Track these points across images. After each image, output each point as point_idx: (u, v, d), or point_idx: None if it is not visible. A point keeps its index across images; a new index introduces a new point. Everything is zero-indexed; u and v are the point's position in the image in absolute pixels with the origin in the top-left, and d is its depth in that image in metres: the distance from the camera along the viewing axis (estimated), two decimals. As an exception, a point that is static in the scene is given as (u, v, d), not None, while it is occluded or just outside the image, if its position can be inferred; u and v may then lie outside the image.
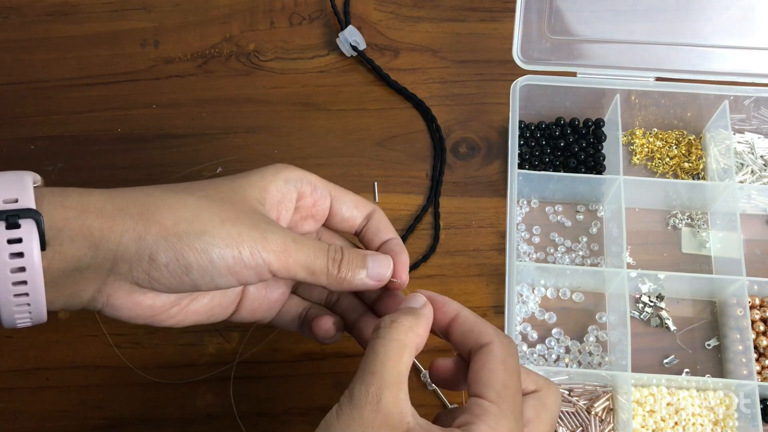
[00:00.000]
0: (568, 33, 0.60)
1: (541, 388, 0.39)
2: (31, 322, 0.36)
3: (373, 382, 0.34)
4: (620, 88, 0.60)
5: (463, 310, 0.39)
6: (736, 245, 0.56)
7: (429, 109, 0.65)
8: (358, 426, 0.33)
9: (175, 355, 0.57)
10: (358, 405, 0.34)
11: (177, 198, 0.38)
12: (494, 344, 0.37)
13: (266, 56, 0.69)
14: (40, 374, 0.56)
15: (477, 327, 0.38)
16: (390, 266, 0.42)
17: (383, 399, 0.34)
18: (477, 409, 0.35)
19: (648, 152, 0.64)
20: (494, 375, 0.36)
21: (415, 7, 0.71)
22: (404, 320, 0.37)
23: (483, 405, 0.35)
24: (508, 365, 0.36)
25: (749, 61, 0.59)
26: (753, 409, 0.51)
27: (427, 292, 0.40)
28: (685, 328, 0.58)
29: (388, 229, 0.45)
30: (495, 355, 0.37)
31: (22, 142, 0.65)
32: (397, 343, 0.36)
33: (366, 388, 0.34)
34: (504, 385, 0.36)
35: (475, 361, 0.37)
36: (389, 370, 0.35)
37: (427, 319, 0.38)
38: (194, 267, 0.36)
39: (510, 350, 0.37)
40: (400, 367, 0.35)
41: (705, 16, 0.59)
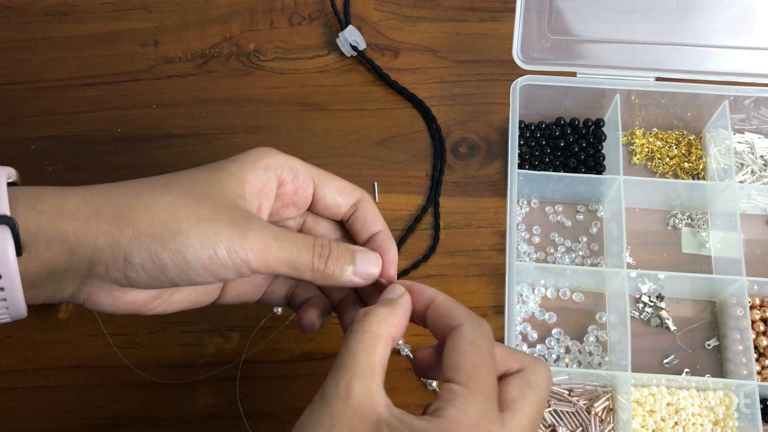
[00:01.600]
0: (568, 33, 0.60)
1: (526, 367, 0.38)
2: (10, 318, 0.36)
3: (344, 375, 0.34)
4: (620, 88, 0.60)
5: (439, 295, 0.39)
6: (736, 245, 0.56)
7: (429, 109, 0.65)
8: (328, 421, 0.32)
9: (175, 355, 0.57)
10: (328, 400, 0.33)
11: (152, 197, 0.37)
12: (464, 326, 0.36)
13: (266, 56, 0.69)
14: (40, 374, 0.56)
15: (450, 310, 0.37)
16: (379, 264, 0.41)
17: (353, 391, 0.33)
18: (447, 394, 0.34)
19: (648, 152, 0.64)
20: (463, 357, 0.35)
21: (415, 7, 0.71)
22: (378, 311, 0.36)
23: (452, 389, 0.34)
24: (477, 346, 0.35)
25: (749, 61, 0.59)
26: (753, 409, 0.51)
27: (406, 282, 0.40)
28: (685, 328, 0.58)
29: (376, 220, 0.43)
30: (464, 337, 0.36)
31: (22, 142, 0.65)
32: (369, 334, 0.35)
33: (336, 382, 0.33)
34: (473, 366, 0.35)
35: (446, 346, 0.36)
36: (360, 362, 0.34)
37: (404, 309, 0.38)
38: (170, 267, 0.36)
39: (480, 330, 0.36)
40: (372, 358, 0.34)
41: (705, 16, 0.59)
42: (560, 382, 0.55)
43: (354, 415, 0.33)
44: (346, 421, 0.32)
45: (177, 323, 0.58)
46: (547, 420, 0.54)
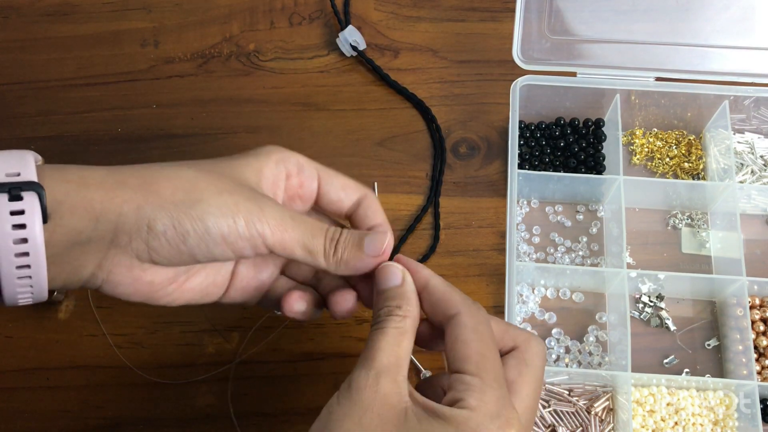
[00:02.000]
0: (568, 33, 0.60)
1: (520, 344, 0.39)
2: (32, 298, 0.37)
3: (372, 367, 0.35)
4: (620, 88, 0.60)
5: (433, 278, 0.40)
6: (736, 245, 0.56)
7: (429, 109, 0.65)
8: (358, 409, 0.34)
9: (175, 355, 0.57)
10: (357, 389, 0.35)
11: (175, 170, 0.39)
12: (462, 314, 0.37)
13: (266, 56, 0.69)
14: (40, 374, 0.56)
15: (445, 296, 0.38)
16: (385, 240, 0.41)
17: (381, 382, 0.35)
18: (461, 385, 0.35)
19: (648, 152, 0.64)
20: (469, 347, 0.36)
21: (415, 7, 0.71)
22: (396, 310, 0.38)
23: (465, 380, 0.35)
24: (480, 333, 0.37)
25: (749, 61, 0.59)
26: (753, 409, 0.51)
27: (400, 257, 0.41)
28: (685, 328, 0.58)
29: (377, 214, 0.44)
30: (466, 326, 0.37)
31: (22, 142, 0.65)
32: (395, 330, 0.37)
33: (366, 373, 0.35)
34: (481, 355, 0.36)
35: (448, 335, 0.37)
36: (387, 356, 0.36)
37: (413, 294, 0.39)
38: (191, 234, 0.37)
39: (479, 317, 0.37)
40: (398, 352, 0.36)
41: (705, 16, 0.59)
42: (560, 382, 0.55)
43: (383, 404, 0.34)
44: (376, 408, 0.34)
45: (177, 323, 0.58)
46: (547, 420, 0.54)
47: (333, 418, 0.34)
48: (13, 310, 0.58)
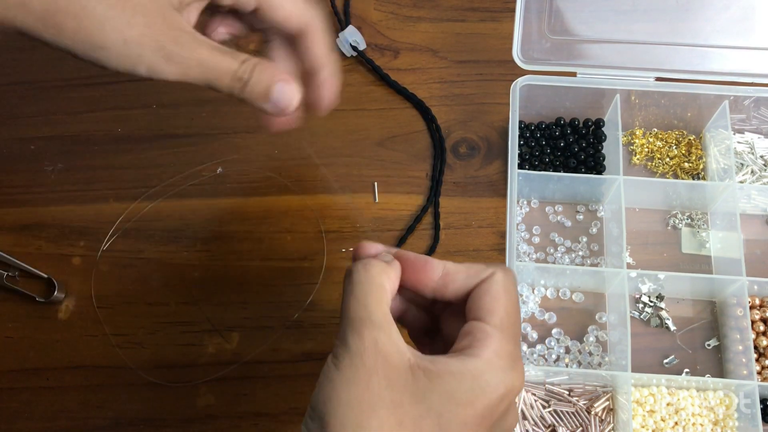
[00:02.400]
0: (568, 33, 0.60)
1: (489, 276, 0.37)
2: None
3: (366, 325, 0.33)
4: (620, 88, 0.60)
5: (449, 263, 0.38)
6: (736, 245, 0.56)
7: (429, 109, 0.65)
8: (363, 373, 0.32)
9: (175, 355, 0.57)
10: (357, 352, 0.33)
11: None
12: (498, 273, 0.36)
13: (266, 56, 0.69)
14: (40, 374, 0.56)
15: (473, 269, 0.37)
16: (293, 98, 0.40)
17: (379, 341, 0.33)
18: (479, 333, 0.34)
19: (648, 152, 0.64)
20: (498, 302, 0.35)
21: (415, 7, 0.71)
22: (376, 263, 0.36)
23: (486, 329, 0.34)
24: (510, 293, 0.36)
25: (749, 61, 0.59)
26: (753, 409, 0.51)
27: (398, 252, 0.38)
28: (685, 328, 0.58)
29: (324, 59, 0.42)
30: (498, 283, 0.36)
31: (22, 142, 0.65)
32: (375, 286, 0.35)
33: (360, 333, 0.33)
34: (507, 312, 0.35)
35: (476, 290, 0.36)
36: (375, 312, 0.34)
37: (398, 269, 0.37)
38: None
39: (512, 279, 0.37)
40: (384, 308, 0.34)
41: (705, 16, 0.59)
42: (560, 382, 0.55)
43: (387, 365, 0.33)
44: (380, 371, 0.32)
45: (177, 323, 0.58)
46: (547, 420, 0.54)
47: (336, 386, 0.33)
48: (14, 310, 0.58)
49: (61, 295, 0.58)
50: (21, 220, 0.62)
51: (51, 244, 0.61)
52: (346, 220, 0.61)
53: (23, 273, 0.59)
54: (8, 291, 0.59)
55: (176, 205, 0.62)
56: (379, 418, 0.32)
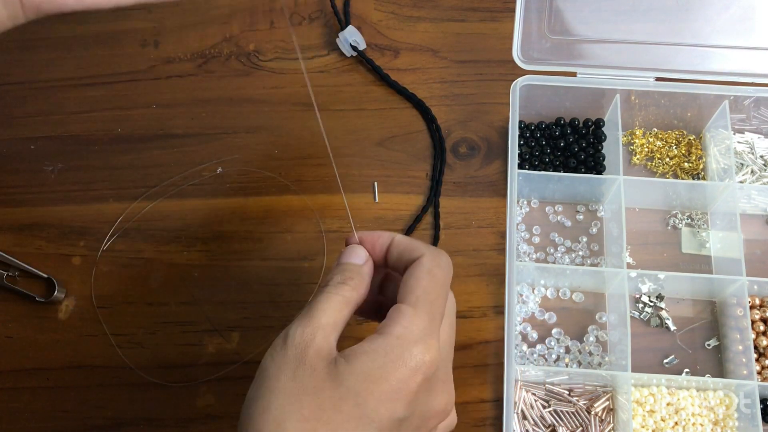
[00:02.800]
0: (568, 33, 0.60)
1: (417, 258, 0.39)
2: None
3: (310, 323, 0.36)
4: (620, 88, 0.60)
5: (396, 236, 0.41)
6: (736, 245, 0.56)
7: (429, 109, 0.65)
8: (293, 362, 0.35)
9: (175, 355, 0.57)
10: (292, 344, 0.35)
11: None
12: (425, 256, 0.39)
13: (266, 56, 0.69)
14: (40, 374, 0.56)
15: (410, 245, 0.40)
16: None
17: (316, 337, 0.35)
18: (394, 313, 0.36)
19: (648, 152, 0.64)
20: (418, 282, 0.37)
21: (415, 7, 0.71)
22: (351, 282, 0.39)
23: (400, 308, 0.37)
24: (433, 275, 0.38)
25: (749, 61, 0.59)
26: (753, 409, 0.51)
27: (361, 233, 0.41)
28: (685, 328, 0.58)
29: None
30: (422, 266, 0.38)
31: (22, 142, 0.65)
32: (342, 298, 0.38)
33: (302, 330, 0.35)
34: (425, 291, 0.37)
35: (405, 274, 0.39)
36: (327, 317, 0.36)
37: (368, 276, 0.40)
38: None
39: (438, 260, 0.39)
40: (337, 316, 0.37)
41: (705, 16, 0.59)
42: (560, 382, 0.55)
43: (315, 356, 0.35)
44: (308, 361, 0.35)
45: (177, 323, 0.58)
46: (547, 420, 0.54)
47: (267, 375, 0.35)
48: (14, 310, 0.58)
49: (61, 295, 0.58)
50: (21, 220, 0.62)
51: (51, 244, 0.61)
52: (346, 220, 0.61)
53: (23, 273, 0.59)
54: (8, 291, 0.59)
55: (176, 205, 0.62)
56: (301, 404, 0.34)
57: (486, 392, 0.55)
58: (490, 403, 0.55)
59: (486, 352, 0.57)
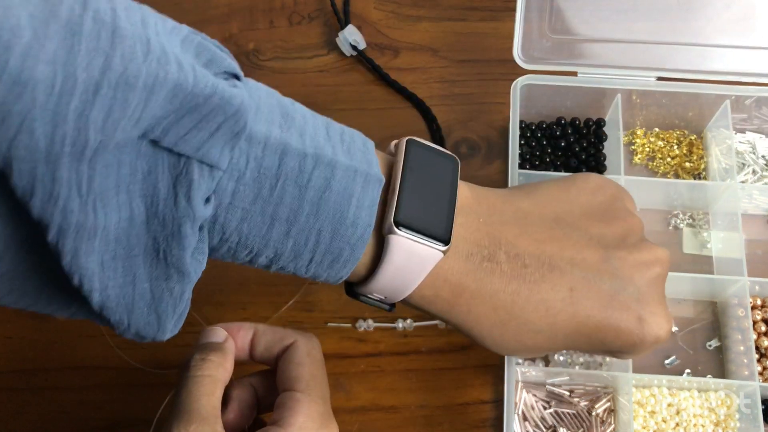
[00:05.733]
0: (569, 32, 0.60)
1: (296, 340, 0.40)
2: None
3: (192, 420, 0.35)
4: (621, 88, 0.60)
5: (259, 326, 0.41)
6: (737, 245, 0.56)
7: (429, 108, 0.65)
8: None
9: (174, 355, 0.56)
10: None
11: None
12: (298, 341, 0.39)
13: (266, 56, 0.68)
14: (39, 375, 0.56)
15: (278, 334, 0.40)
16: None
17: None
18: (290, 402, 0.36)
19: (649, 152, 0.64)
20: (302, 367, 0.38)
21: (415, 7, 0.71)
22: (213, 357, 0.38)
23: (294, 396, 0.37)
24: (313, 357, 0.39)
25: (751, 61, 0.59)
26: (754, 410, 0.51)
27: (222, 325, 0.41)
28: (686, 328, 0.57)
29: None
30: (300, 350, 0.39)
31: (21, 142, 0.65)
32: (209, 379, 0.37)
33: (185, 427, 0.35)
34: (312, 375, 0.38)
35: (283, 360, 0.39)
36: (204, 406, 0.36)
37: (231, 352, 0.39)
38: None
39: (314, 343, 0.40)
40: (213, 401, 0.36)
41: (706, 15, 0.59)
42: (561, 383, 0.55)
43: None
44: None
45: (176, 324, 0.58)
46: (548, 421, 0.54)
47: None
48: (14, 310, 0.58)
49: (60, 295, 0.58)
50: (20, 220, 0.61)
51: (50, 244, 0.60)
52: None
53: (22, 273, 0.59)
54: (7, 291, 0.58)
55: (176, 205, 0.62)
56: None
57: (486, 393, 0.55)
58: (491, 404, 0.55)
59: (486, 353, 0.56)
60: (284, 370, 0.38)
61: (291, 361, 0.38)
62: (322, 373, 0.39)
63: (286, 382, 0.38)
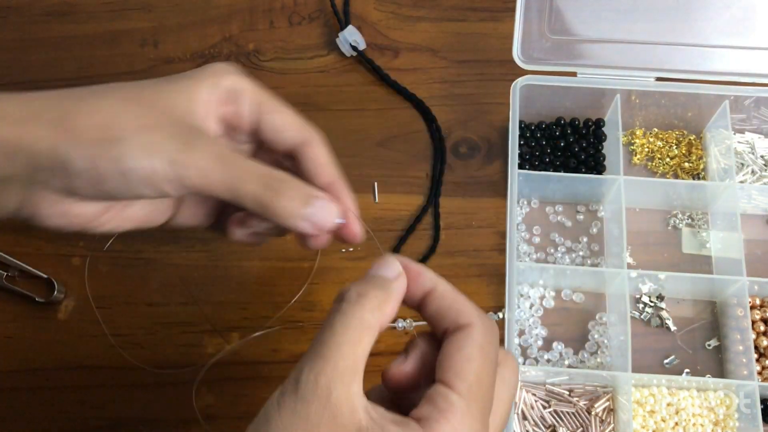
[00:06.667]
0: (568, 33, 0.60)
1: (501, 362, 0.33)
2: None
3: (325, 371, 0.29)
4: (620, 88, 0.60)
5: (441, 283, 0.34)
6: (736, 245, 0.56)
7: (429, 109, 0.65)
8: (303, 424, 0.28)
9: (174, 355, 0.57)
10: (303, 398, 0.29)
11: (95, 100, 0.35)
12: (475, 327, 0.32)
13: (266, 56, 0.69)
14: (39, 374, 0.56)
15: (456, 305, 0.33)
16: (335, 217, 0.36)
17: (334, 393, 0.29)
18: (442, 402, 0.30)
19: (648, 152, 0.64)
20: (469, 364, 0.30)
21: (415, 7, 0.71)
22: (373, 296, 0.31)
23: (450, 398, 0.30)
24: (486, 354, 0.31)
25: (750, 61, 0.59)
26: (753, 410, 0.51)
27: (402, 259, 0.34)
28: (685, 328, 0.57)
29: (325, 169, 0.38)
30: (474, 340, 0.31)
31: (21, 142, 0.65)
32: (358, 322, 0.30)
33: (315, 377, 0.29)
34: (478, 378, 0.30)
35: (449, 342, 0.31)
36: (345, 357, 0.29)
37: (399, 295, 0.33)
38: (108, 176, 0.33)
39: (491, 337, 0.32)
40: (357, 352, 0.30)
41: (705, 15, 0.59)
42: (560, 383, 0.55)
43: (332, 422, 0.28)
44: (323, 428, 0.28)
45: (177, 323, 0.58)
46: (547, 420, 0.54)
47: (271, 428, 0.29)
48: (14, 310, 0.58)
49: (60, 295, 0.58)
50: (21, 220, 0.62)
51: (50, 244, 0.61)
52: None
53: (23, 273, 0.59)
54: (8, 291, 0.59)
55: (176, 205, 0.62)
56: None
57: (486, 392, 0.55)
58: (491, 404, 0.55)
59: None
60: (449, 357, 0.31)
61: (460, 350, 0.31)
62: (491, 379, 0.31)
63: (446, 374, 0.30)
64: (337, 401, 0.29)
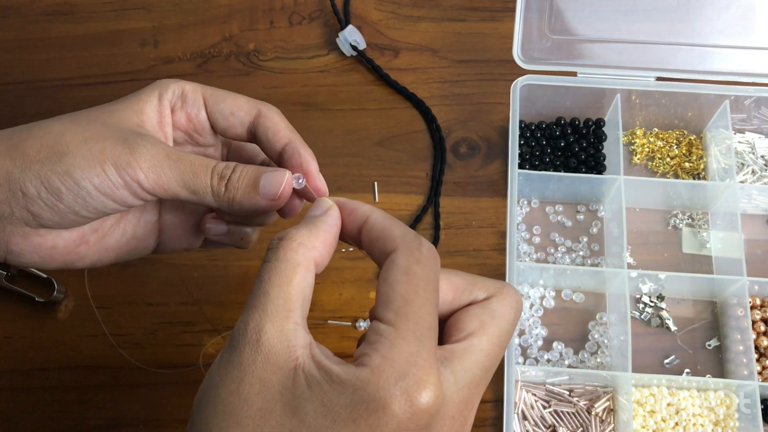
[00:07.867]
0: (568, 33, 0.60)
1: (493, 295, 0.32)
2: None
3: (252, 316, 0.28)
4: (621, 88, 0.60)
5: (374, 212, 0.32)
6: (736, 245, 0.56)
7: (429, 109, 0.65)
8: (236, 373, 0.28)
9: (174, 355, 0.57)
10: (236, 347, 0.28)
11: (42, 126, 0.36)
12: (398, 251, 0.30)
13: (266, 56, 0.69)
14: (39, 374, 0.56)
15: (383, 233, 0.31)
16: (283, 181, 0.36)
17: (264, 335, 0.28)
18: (372, 335, 0.28)
19: (648, 152, 0.64)
20: (393, 289, 0.29)
21: (415, 7, 0.71)
22: (293, 234, 0.31)
23: (379, 329, 0.28)
24: (411, 274, 0.29)
25: (750, 61, 0.59)
26: (753, 410, 0.51)
27: (337, 199, 0.34)
28: (685, 328, 0.57)
29: (279, 131, 0.38)
30: (397, 265, 0.29)
31: (21, 142, 0.65)
32: (283, 263, 0.30)
33: (245, 325, 0.28)
34: (404, 301, 0.28)
35: (380, 275, 0.30)
36: (272, 299, 0.29)
37: (328, 226, 0.32)
38: (63, 192, 0.34)
39: (417, 255, 0.30)
40: (288, 291, 0.29)
41: (706, 15, 0.59)
42: (561, 383, 0.55)
43: (266, 363, 0.28)
44: (256, 372, 0.28)
45: (177, 323, 0.58)
46: (547, 420, 0.54)
47: (211, 386, 0.29)
48: (14, 310, 0.58)
49: (60, 295, 0.58)
50: (20, 220, 0.62)
51: (50, 244, 0.61)
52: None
53: (23, 273, 0.59)
54: (8, 291, 0.59)
55: (176, 205, 0.62)
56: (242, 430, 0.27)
57: (486, 392, 0.55)
58: (491, 404, 0.55)
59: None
60: (378, 290, 0.30)
61: (384, 280, 0.29)
62: (423, 298, 0.29)
63: (376, 308, 0.29)
64: (268, 342, 0.28)
